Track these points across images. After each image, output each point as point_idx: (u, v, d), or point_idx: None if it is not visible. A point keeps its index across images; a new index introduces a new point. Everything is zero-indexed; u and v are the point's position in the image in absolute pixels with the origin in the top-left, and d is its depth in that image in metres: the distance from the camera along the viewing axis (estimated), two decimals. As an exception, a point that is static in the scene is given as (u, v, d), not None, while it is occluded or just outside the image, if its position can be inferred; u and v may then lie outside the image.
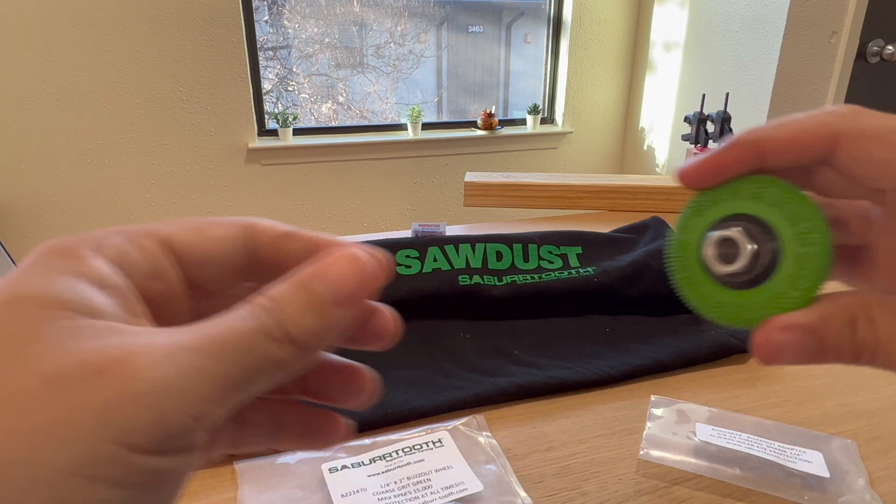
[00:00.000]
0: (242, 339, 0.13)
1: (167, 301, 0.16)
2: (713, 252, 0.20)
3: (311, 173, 2.57)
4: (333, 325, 0.15)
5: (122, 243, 0.15)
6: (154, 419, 0.12)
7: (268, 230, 0.18)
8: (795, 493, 0.32)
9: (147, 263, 0.16)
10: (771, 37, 2.10)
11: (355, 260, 0.16)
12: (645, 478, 0.34)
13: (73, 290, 0.13)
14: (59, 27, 2.10)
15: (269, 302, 0.14)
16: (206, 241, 0.17)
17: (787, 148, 0.18)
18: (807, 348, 0.17)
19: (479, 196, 0.85)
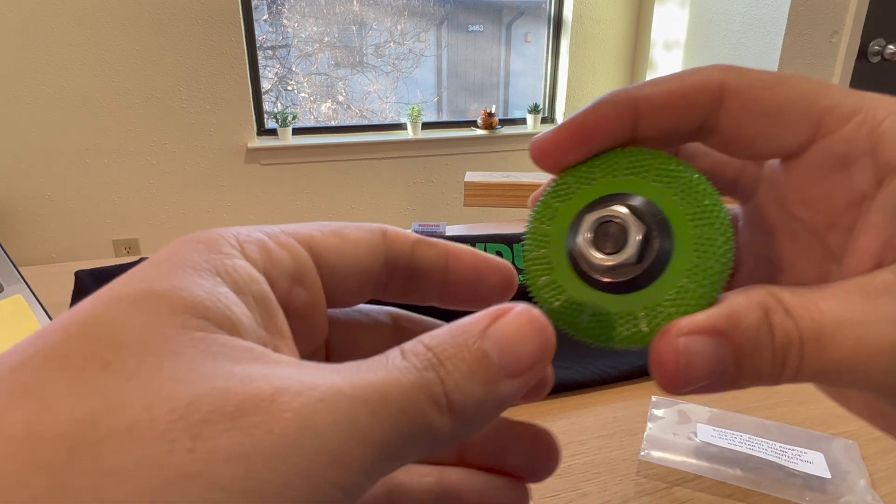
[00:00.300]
0: (405, 397, 0.11)
1: (308, 312, 0.15)
2: (589, 240, 0.15)
3: (310, 173, 2.57)
4: (501, 401, 0.12)
5: (266, 240, 0.14)
6: (302, 486, 0.09)
7: (402, 236, 0.16)
8: (796, 494, 0.32)
9: (292, 265, 0.14)
10: (772, 36, 2.10)
11: (537, 322, 0.13)
12: (646, 478, 0.33)
13: (212, 294, 0.11)
14: (58, 27, 2.10)
15: (430, 354, 0.12)
16: (347, 245, 0.15)
17: (667, 106, 0.15)
18: (721, 360, 0.13)
19: (479, 196, 0.85)
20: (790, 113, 0.14)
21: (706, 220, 0.15)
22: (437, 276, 0.17)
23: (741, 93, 0.15)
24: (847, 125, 0.14)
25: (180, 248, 0.13)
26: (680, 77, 0.16)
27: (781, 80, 0.15)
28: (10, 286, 0.43)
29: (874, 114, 0.14)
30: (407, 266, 0.16)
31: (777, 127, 0.15)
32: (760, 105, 0.15)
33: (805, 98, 0.14)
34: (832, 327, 0.13)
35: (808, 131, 0.14)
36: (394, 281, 0.16)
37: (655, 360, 0.14)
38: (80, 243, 2.36)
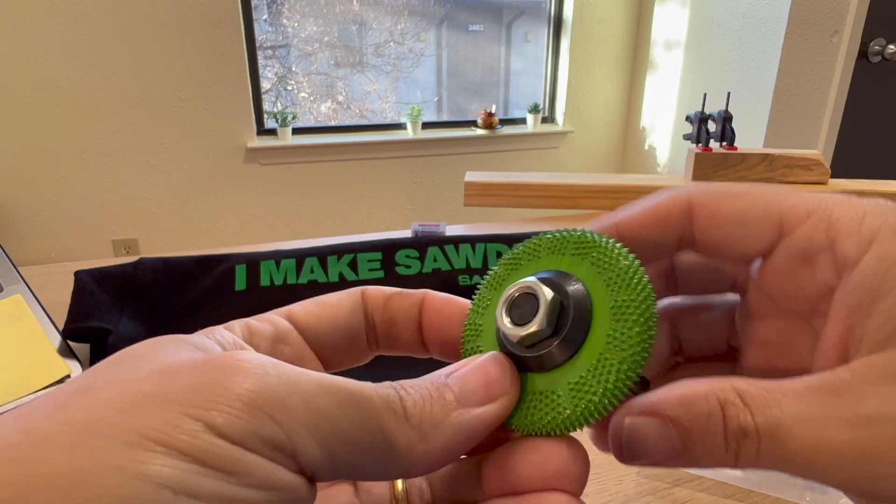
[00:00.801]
0: (364, 397, 0.13)
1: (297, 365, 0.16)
2: (504, 314, 0.15)
3: (310, 173, 2.57)
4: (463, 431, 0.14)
5: (248, 320, 0.16)
6: (245, 411, 0.11)
7: (378, 292, 0.18)
8: (797, 494, 0.32)
9: (272, 330, 0.16)
10: (772, 36, 2.10)
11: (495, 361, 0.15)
12: (646, 479, 0.33)
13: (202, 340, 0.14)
14: (57, 27, 2.10)
15: (390, 386, 0.14)
16: (324, 309, 0.17)
17: (646, 225, 0.17)
18: (669, 442, 0.14)
19: (479, 196, 0.85)
20: (751, 219, 0.16)
21: (622, 283, 0.15)
22: (411, 320, 0.18)
23: (706, 206, 0.17)
24: (805, 224, 0.15)
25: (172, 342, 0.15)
26: (654, 200, 0.18)
27: (743, 190, 0.17)
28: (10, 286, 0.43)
29: (830, 212, 0.15)
30: (382, 318, 0.18)
31: (742, 232, 0.16)
32: (724, 215, 0.16)
33: (764, 204, 0.16)
34: (788, 423, 0.13)
35: (771, 233, 0.16)
36: (377, 334, 0.18)
37: (610, 432, 0.15)
38: (80, 243, 2.36)
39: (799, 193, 0.16)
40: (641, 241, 0.17)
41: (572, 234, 0.17)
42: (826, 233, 0.15)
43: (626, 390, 0.14)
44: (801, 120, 2.17)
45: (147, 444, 0.10)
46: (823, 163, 0.85)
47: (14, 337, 0.41)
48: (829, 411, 0.13)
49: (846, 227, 0.15)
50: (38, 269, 0.61)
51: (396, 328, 0.18)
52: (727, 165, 0.86)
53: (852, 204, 0.15)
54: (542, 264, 0.17)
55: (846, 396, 0.13)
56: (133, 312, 0.47)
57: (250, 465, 0.11)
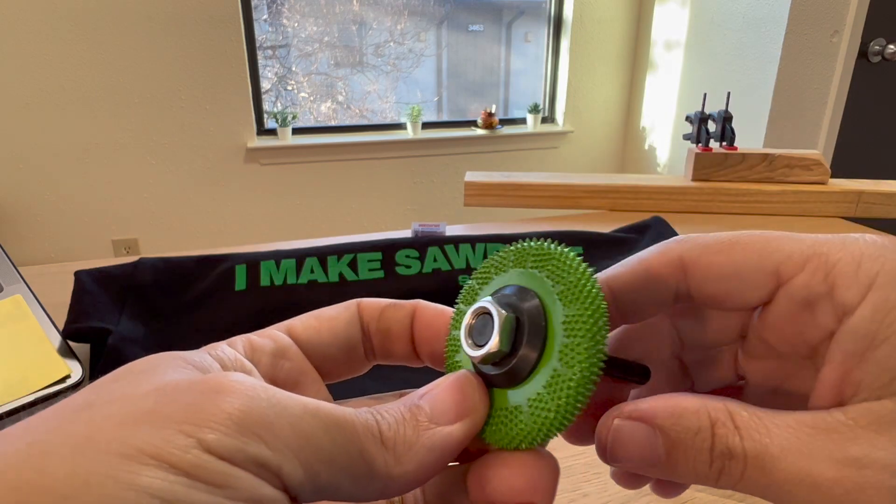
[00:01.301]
0: (346, 420, 0.13)
1: (297, 379, 0.17)
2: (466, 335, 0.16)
3: (310, 173, 2.57)
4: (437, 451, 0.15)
5: (249, 335, 0.17)
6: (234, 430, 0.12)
7: (373, 304, 0.19)
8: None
9: (273, 345, 0.17)
10: (772, 36, 2.10)
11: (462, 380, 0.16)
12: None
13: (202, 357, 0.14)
14: (58, 27, 2.10)
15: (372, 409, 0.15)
16: (323, 322, 0.18)
17: (637, 283, 0.17)
18: (653, 449, 0.15)
19: (479, 196, 0.85)
20: (746, 272, 0.16)
21: (573, 297, 0.15)
22: (403, 331, 0.19)
23: (697, 262, 0.17)
24: (803, 271, 0.15)
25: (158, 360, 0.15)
26: (645, 257, 0.17)
27: (734, 241, 0.16)
28: (10, 286, 0.43)
29: (826, 258, 0.15)
30: (377, 329, 0.19)
31: (737, 285, 0.16)
32: (717, 269, 0.16)
33: (757, 254, 0.16)
34: (776, 452, 0.14)
35: (768, 284, 0.16)
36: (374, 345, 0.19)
37: (597, 429, 0.16)
38: (80, 243, 2.36)
39: (793, 239, 0.16)
40: (634, 300, 0.17)
41: (531, 246, 0.17)
42: (824, 279, 0.15)
43: (580, 406, 0.14)
44: (801, 120, 2.17)
45: (142, 457, 0.11)
46: (823, 163, 0.85)
47: (14, 337, 0.41)
48: (819, 448, 0.13)
49: (844, 272, 0.15)
50: (38, 269, 0.61)
51: (391, 339, 0.19)
52: (727, 165, 0.86)
53: (849, 247, 0.15)
54: (507, 278, 0.17)
55: (837, 436, 0.14)
56: (133, 312, 0.47)
57: (237, 480, 0.12)
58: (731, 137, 0.88)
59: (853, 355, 0.14)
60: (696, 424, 0.14)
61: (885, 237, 0.15)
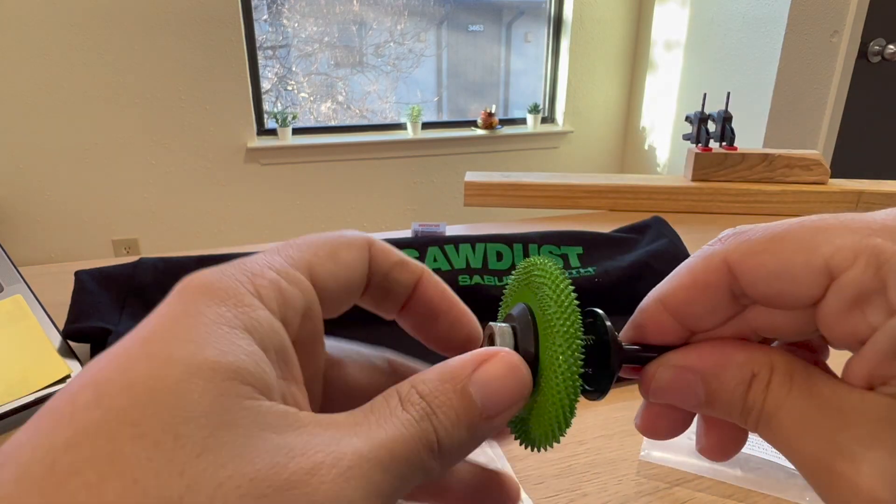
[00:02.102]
0: (408, 450, 0.13)
1: (312, 342, 0.16)
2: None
3: (310, 173, 2.57)
4: (479, 439, 0.15)
5: (278, 280, 0.15)
6: None
7: (385, 256, 0.18)
8: (797, 494, 0.32)
9: (302, 302, 0.15)
10: (772, 36, 2.09)
11: (516, 369, 0.15)
12: (646, 479, 0.33)
13: (252, 358, 0.13)
14: (57, 26, 2.10)
15: (424, 404, 0.14)
16: (341, 268, 0.17)
17: (689, 296, 0.17)
18: (694, 395, 0.16)
19: (479, 196, 0.85)
20: (795, 270, 0.15)
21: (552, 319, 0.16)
22: (403, 295, 0.19)
23: (744, 263, 0.16)
24: (853, 267, 0.14)
25: (204, 296, 0.13)
26: (691, 266, 0.17)
27: (780, 236, 0.16)
28: (10, 286, 0.43)
29: (878, 253, 0.14)
30: (381, 282, 0.18)
31: (788, 285, 0.15)
32: (765, 270, 0.16)
33: (805, 250, 0.15)
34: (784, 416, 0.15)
35: (819, 281, 0.15)
36: (370, 291, 0.18)
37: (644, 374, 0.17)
38: (80, 243, 2.36)
39: (844, 227, 0.15)
40: (692, 313, 0.17)
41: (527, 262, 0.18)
42: (876, 276, 0.14)
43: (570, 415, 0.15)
44: (801, 120, 2.17)
45: None
46: (823, 163, 0.85)
47: (14, 337, 0.41)
48: (818, 424, 0.14)
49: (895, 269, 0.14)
50: (38, 269, 0.61)
51: (388, 296, 0.18)
52: (727, 165, 0.86)
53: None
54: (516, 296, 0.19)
55: (840, 419, 0.14)
56: (133, 312, 0.47)
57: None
58: (731, 137, 0.88)
59: (886, 354, 0.14)
60: (738, 377, 0.16)
61: None
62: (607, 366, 0.17)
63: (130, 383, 0.11)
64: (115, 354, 0.12)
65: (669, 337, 0.18)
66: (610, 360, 0.17)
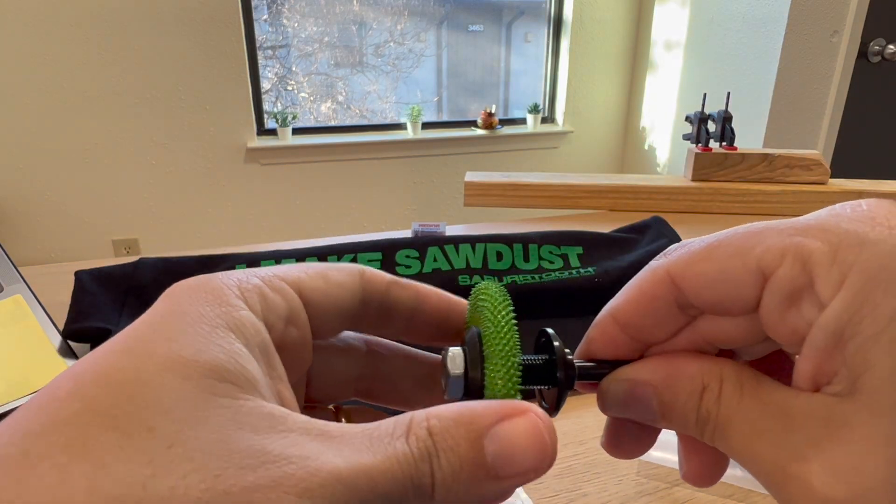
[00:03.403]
0: (393, 486, 0.12)
1: (298, 348, 0.16)
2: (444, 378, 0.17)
3: (310, 173, 2.57)
4: (480, 499, 0.13)
5: (262, 286, 0.15)
6: None
7: (378, 277, 0.18)
8: (797, 495, 0.32)
9: (286, 308, 0.15)
10: (772, 36, 2.09)
11: (541, 437, 0.14)
12: (646, 479, 0.33)
13: (231, 356, 0.13)
14: (57, 26, 2.10)
15: (430, 442, 0.13)
16: (331, 287, 0.17)
17: (637, 309, 0.17)
18: (648, 408, 0.16)
19: (479, 196, 0.85)
20: (731, 274, 0.15)
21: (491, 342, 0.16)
22: (407, 314, 0.19)
23: (685, 273, 0.16)
24: (782, 266, 0.15)
25: (190, 297, 0.14)
26: (637, 281, 0.17)
27: (715, 245, 0.16)
28: (10, 286, 0.43)
29: (803, 249, 0.14)
30: (380, 304, 0.18)
31: (727, 289, 0.16)
32: (705, 277, 0.16)
33: (739, 254, 0.15)
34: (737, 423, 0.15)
35: (754, 283, 0.15)
36: (368, 316, 0.18)
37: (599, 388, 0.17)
38: (80, 243, 2.36)
39: (771, 233, 0.15)
40: (642, 325, 0.17)
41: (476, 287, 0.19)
42: (803, 271, 0.14)
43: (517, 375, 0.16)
44: (801, 120, 2.17)
45: None
46: (823, 163, 0.85)
47: (14, 337, 0.41)
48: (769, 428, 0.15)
49: (820, 262, 0.14)
50: (38, 269, 0.61)
51: (392, 315, 0.19)
52: (727, 165, 0.86)
53: (828, 234, 0.14)
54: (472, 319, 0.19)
55: (788, 422, 0.14)
56: (133, 312, 0.47)
57: None
58: (731, 137, 0.88)
59: (823, 351, 0.14)
60: (689, 388, 0.16)
61: (878, 204, 0.15)
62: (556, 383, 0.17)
63: (107, 377, 0.12)
64: (99, 352, 0.13)
65: (622, 351, 0.18)
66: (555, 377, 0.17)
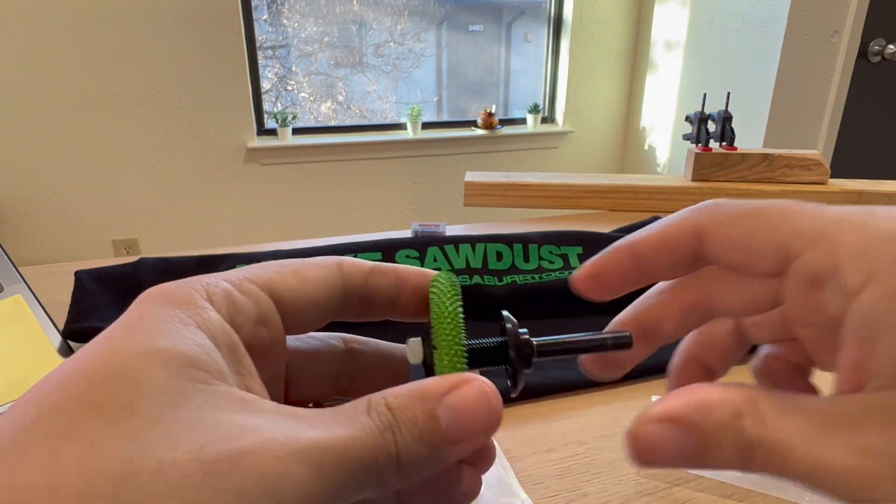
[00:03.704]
0: (366, 452, 0.13)
1: (269, 347, 0.17)
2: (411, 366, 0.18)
3: (310, 173, 2.57)
4: (440, 460, 0.15)
5: (231, 290, 0.16)
6: None
7: (356, 267, 0.18)
8: (796, 494, 0.32)
9: (254, 310, 0.16)
10: (772, 36, 2.09)
11: (486, 398, 0.15)
12: (646, 479, 0.33)
13: (204, 349, 0.14)
14: (57, 26, 2.10)
15: (390, 416, 0.14)
16: (304, 284, 0.17)
17: (657, 247, 0.18)
18: (685, 448, 0.15)
19: (479, 196, 0.85)
20: (755, 245, 0.17)
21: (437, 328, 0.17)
22: (390, 299, 0.19)
23: (713, 232, 0.17)
24: (811, 249, 0.15)
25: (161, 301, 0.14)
26: (668, 222, 0.18)
27: (751, 213, 0.17)
28: (10, 286, 0.43)
29: (835, 238, 0.15)
30: (362, 295, 0.19)
31: (746, 257, 0.17)
32: (730, 241, 0.17)
33: (770, 229, 0.16)
34: (797, 440, 0.14)
35: (777, 257, 0.16)
36: (350, 307, 0.19)
37: (626, 437, 0.16)
38: (80, 243, 2.36)
39: (810, 215, 0.16)
40: (654, 261, 0.19)
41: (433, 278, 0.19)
42: (832, 259, 0.15)
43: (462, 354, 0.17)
44: (801, 120, 2.17)
45: None
46: (823, 163, 0.85)
47: (14, 337, 0.41)
48: (835, 435, 0.14)
49: (849, 254, 0.15)
50: (38, 269, 0.61)
51: (375, 304, 0.19)
52: (727, 165, 0.86)
53: (859, 229, 0.15)
54: None
55: (851, 425, 0.14)
56: (133, 312, 0.47)
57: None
58: (731, 137, 0.88)
59: (864, 340, 0.14)
60: (726, 417, 0.15)
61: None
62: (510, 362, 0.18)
63: (92, 371, 0.12)
64: (82, 351, 0.13)
65: (627, 277, 0.19)
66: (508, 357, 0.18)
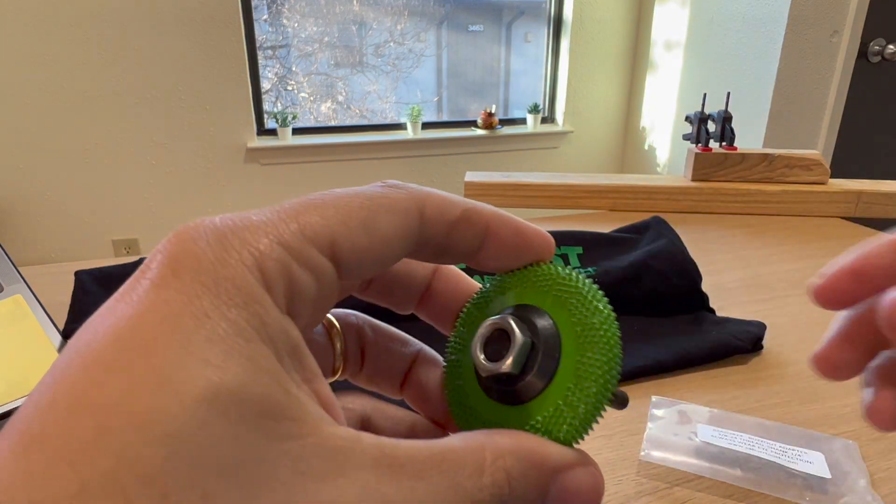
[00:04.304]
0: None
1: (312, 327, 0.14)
2: (480, 347, 0.15)
3: (310, 173, 2.57)
4: None
5: (289, 262, 0.12)
6: None
7: (442, 214, 0.15)
8: (797, 494, 0.32)
9: (314, 289, 0.12)
10: (772, 36, 2.09)
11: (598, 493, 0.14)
12: (646, 479, 0.33)
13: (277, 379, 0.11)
14: (58, 26, 2.10)
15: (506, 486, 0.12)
16: (373, 242, 0.13)
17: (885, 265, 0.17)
18: None
19: (479, 196, 0.85)
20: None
21: (593, 340, 0.14)
22: (469, 251, 0.16)
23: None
24: None
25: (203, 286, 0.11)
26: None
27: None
28: (10, 286, 0.43)
29: None
30: (439, 245, 0.15)
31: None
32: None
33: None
34: None
35: None
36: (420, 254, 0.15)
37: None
38: (80, 243, 2.36)
39: None
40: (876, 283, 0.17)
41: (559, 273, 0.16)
42: None
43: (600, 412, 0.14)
44: (801, 120, 2.17)
45: None
46: (823, 163, 0.85)
47: (14, 337, 0.41)
48: None
49: None
50: (38, 269, 0.61)
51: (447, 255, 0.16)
52: (727, 165, 0.86)
53: None
54: (527, 295, 0.16)
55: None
56: (133, 312, 0.47)
57: None
58: (731, 137, 0.88)
59: None
60: None
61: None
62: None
63: (137, 420, 0.09)
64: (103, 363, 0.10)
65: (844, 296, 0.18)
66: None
